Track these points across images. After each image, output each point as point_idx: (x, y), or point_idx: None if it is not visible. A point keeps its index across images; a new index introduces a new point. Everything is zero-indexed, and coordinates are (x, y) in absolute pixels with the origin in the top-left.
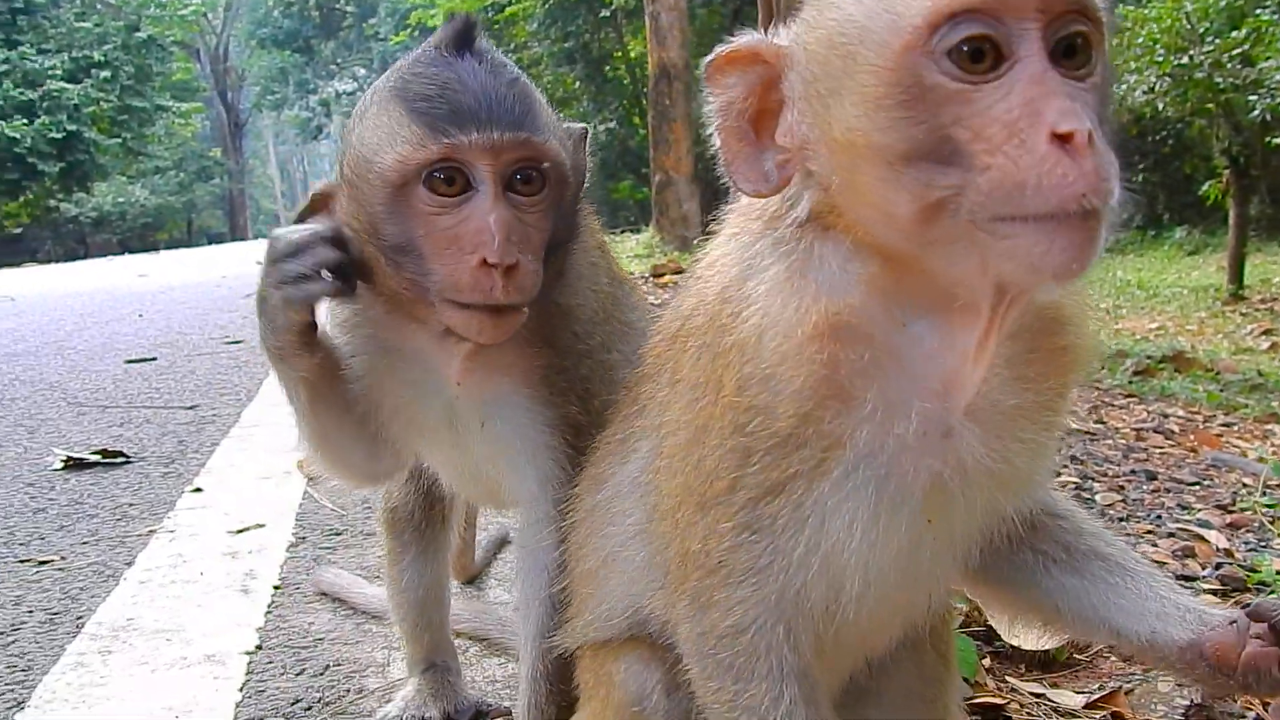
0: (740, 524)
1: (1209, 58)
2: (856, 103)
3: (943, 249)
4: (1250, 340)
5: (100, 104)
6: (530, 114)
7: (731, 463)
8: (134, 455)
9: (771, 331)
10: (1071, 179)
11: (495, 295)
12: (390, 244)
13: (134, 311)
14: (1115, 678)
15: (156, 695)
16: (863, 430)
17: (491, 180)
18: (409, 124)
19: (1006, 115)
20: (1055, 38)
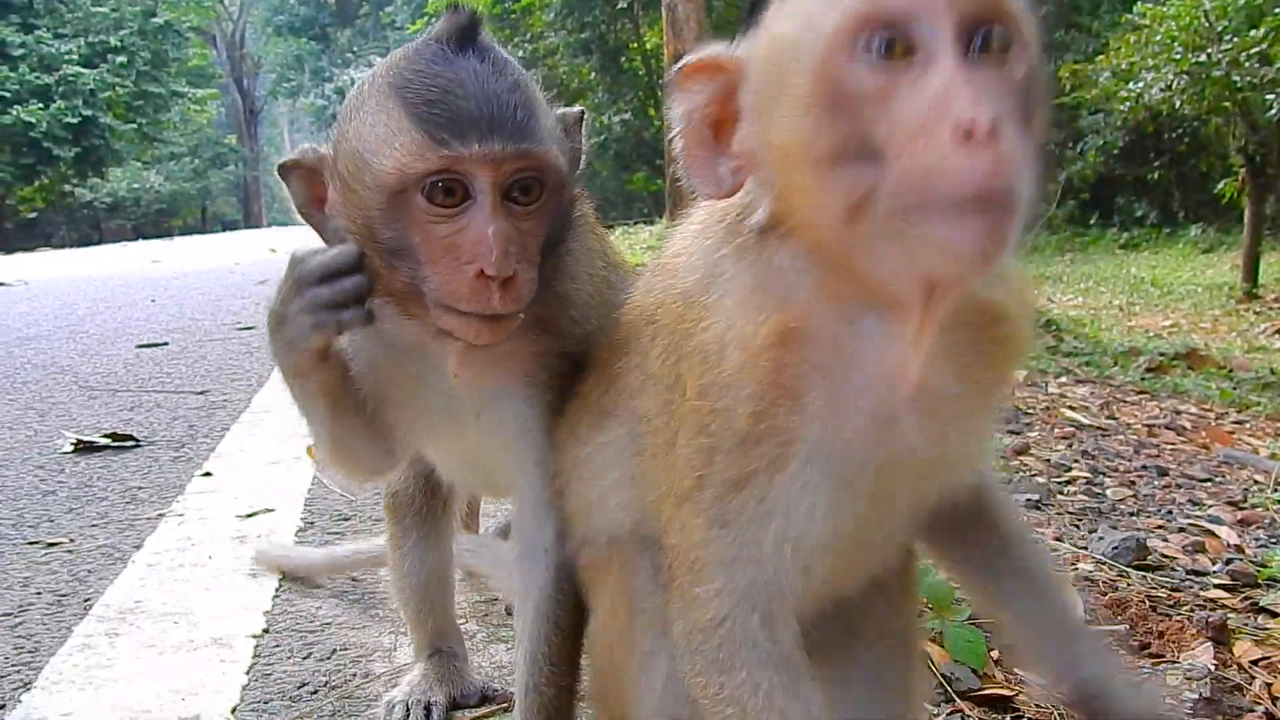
0: (709, 519)
1: (1227, 56)
2: (789, 109)
3: (870, 247)
4: (1264, 338)
5: (116, 89)
6: (531, 123)
7: (698, 461)
8: (144, 439)
9: (732, 345)
10: (975, 169)
11: (492, 305)
12: (386, 246)
13: (147, 297)
14: None
15: (163, 678)
16: (814, 425)
17: (490, 191)
18: (409, 130)
19: (917, 110)
20: (971, 24)
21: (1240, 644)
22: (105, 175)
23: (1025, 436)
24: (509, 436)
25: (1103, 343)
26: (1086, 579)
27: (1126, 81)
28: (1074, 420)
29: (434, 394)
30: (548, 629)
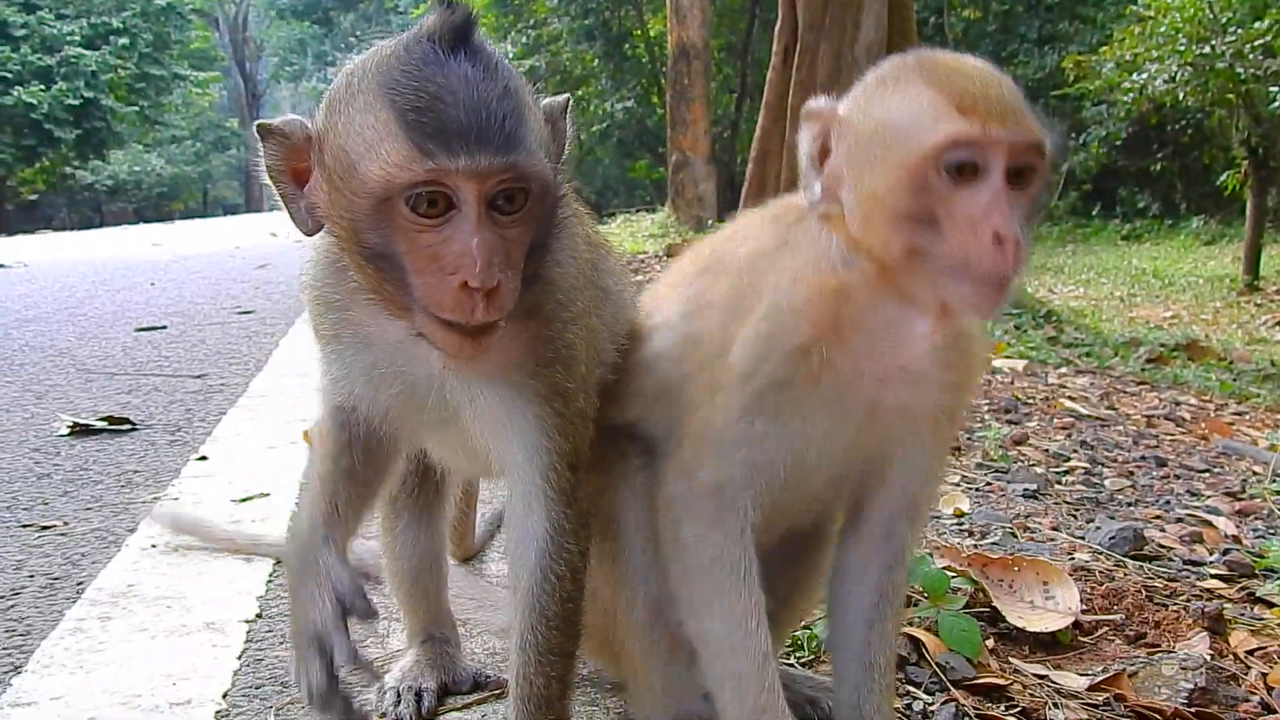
0: (746, 406)
1: (1231, 48)
2: (883, 176)
3: (913, 275)
4: (1264, 330)
5: (118, 71)
6: (519, 133)
7: (751, 361)
8: (141, 423)
9: (802, 283)
10: (994, 265)
11: (476, 316)
12: (371, 250)
13: (146, 280)
14: (1119, 660)
15: (155, 662)
16: (846, 361)
17: (475, 203)
18: (396, 137)
19: (971, 212)
20: (1014, 165)
21: (1236, 634)
22: (106, 158)
23: (1024, 426)
24: (499, 424)
25: (1103, 334)
26: (1083, 569)
27: (1130, 73)
28: (1073, 411)
29: (422, 387)
30: (535, 618)
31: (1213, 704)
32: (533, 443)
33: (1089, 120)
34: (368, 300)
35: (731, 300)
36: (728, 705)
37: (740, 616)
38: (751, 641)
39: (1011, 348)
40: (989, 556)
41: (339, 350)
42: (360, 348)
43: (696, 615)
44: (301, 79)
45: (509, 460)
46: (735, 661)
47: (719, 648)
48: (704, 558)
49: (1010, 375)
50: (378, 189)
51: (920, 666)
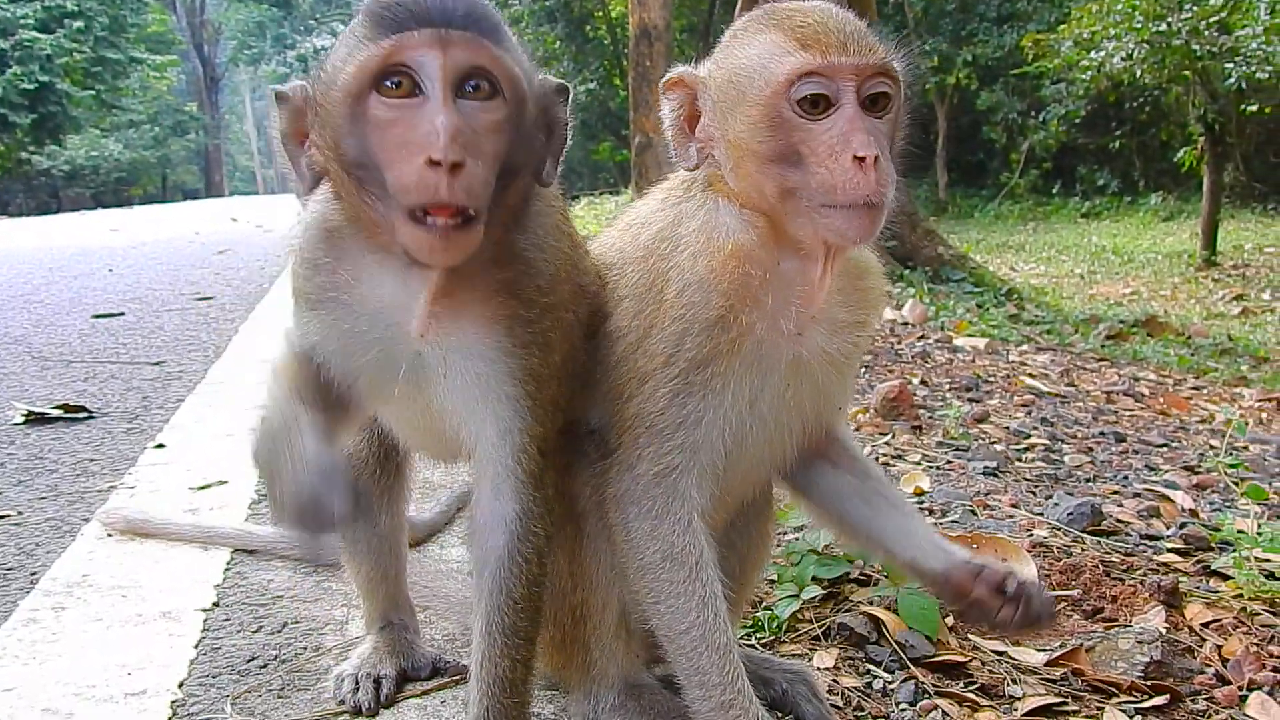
0: (674, 389)
1: (1187, 25)
2: (742, 122)
3: (791, 218)
4: (1221, 305)
5: (73, 55)
6: (484, 20)
7: (670, 343)
8: (97, 411)
9: (703, 255)
10: (860, 186)
11: (440, 194)
12: (350, 159)
13: (104, 266)
14: (1077, 635)
15: (110, 652)
16: (761, 324)
17: (440, 82)
18: (362, 29)
19: (829, 142)
20: (866, 93)
21: (1192, 607)
22: (63, 143)
23: (985, 404)
24: (473, 402)
25: (1064, 311)
26: (1042, 545)
27: (1088, 51)
28: (1034, 388)
29: (399, 358)
30: (502, 600)
31: (1168, 676)
32: (506, 423)
33: (1048, 98)
34: (362, 248)
35: (640, 289)
36: (695, 700)
37: (698, 609)
38: (712, 635)
39: (973, 326)
40: (948, 535)
41: (320, 315)
42: (342, 312)
43: (657, 611)
44: (260, 62)
45: (481, 440)
46: (698, 656)
47: (681, 643)
48: (656, 553)
49: (971, 353)
50: (352, 84)
51: (880, 645)
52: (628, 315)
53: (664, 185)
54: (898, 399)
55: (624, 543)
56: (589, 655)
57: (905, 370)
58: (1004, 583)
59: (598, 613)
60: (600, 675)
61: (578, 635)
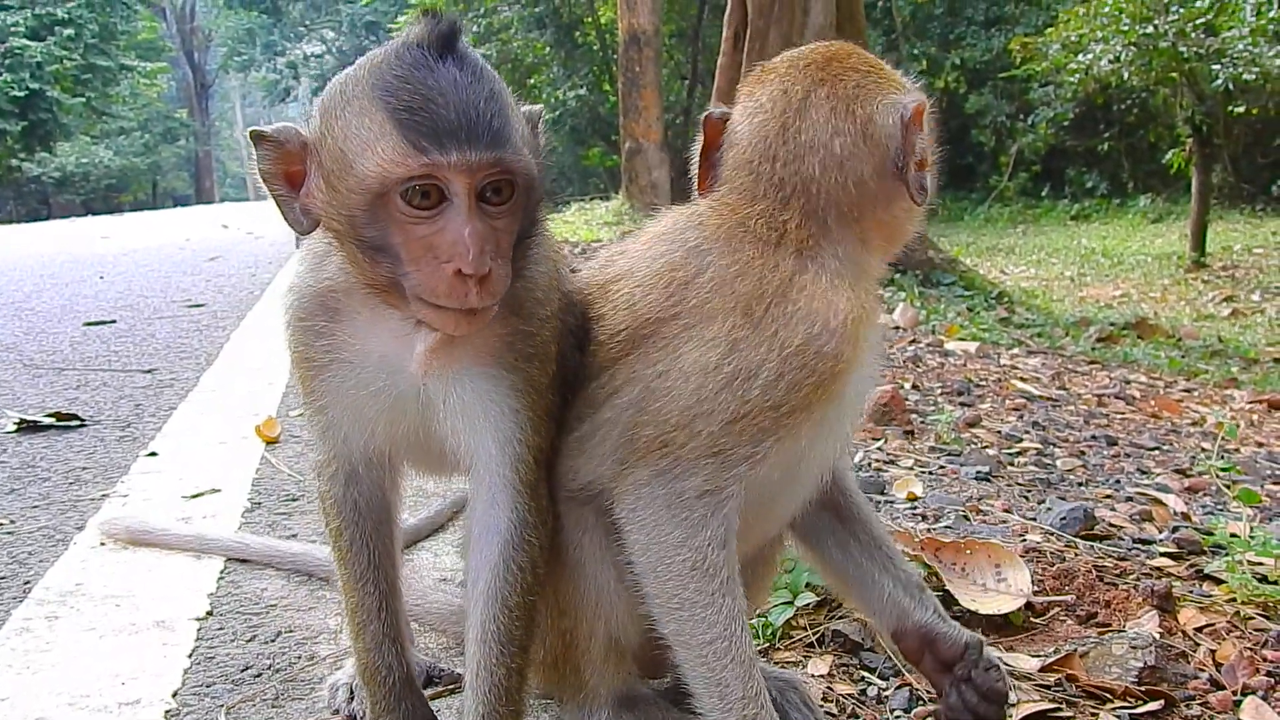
0: (760, 429)
1: (1173, 27)
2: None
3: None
4: (1211, 307)
5: (63, 62)
6: (505, 130)
7: (781, 390)
8: (89, 419)
9: (836, 308)
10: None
11: (470, 301)
12: (368, 243)
13: (95, 273)
14: (1070, 640)
15: (103, 661)
16: (851, 385)
17: (466, 195)
18: (392, 135)
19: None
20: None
21: (1185, 611)
22: (53, 150)
23: (977, 409)
24: (474, 417)
25: (1054, 314)
26: (1035, 550)
27: (1076, 54)
28: (1025, 391)
29: (408, 393)
30: (497, 608)
31: (1163, 682)
32: (507, 435)
33: (1036, 101)
34: (357, 306)
35: (739, 333)
36: (713, 711)
37: (726, 622)
38: (737, 648)
39: (964, 330)
40: (941, 540)
41: (327, 377)
42: (347, 370)
43: (679, 619)
44: (250, 69)
45: (480, 453)
46: (722, 669)
47: (705, 653)
48: (685, 563)
49: (963, 357)
50: (374, 184)
51: (874, 652)
52: (715, 356)
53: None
54: (889, 404)
55: (646, 546)
56: (580, 676)
57: (897, 375)
58: (955, 660)
59: (586, 639)
60: (592, 694)
61: (569, 657)
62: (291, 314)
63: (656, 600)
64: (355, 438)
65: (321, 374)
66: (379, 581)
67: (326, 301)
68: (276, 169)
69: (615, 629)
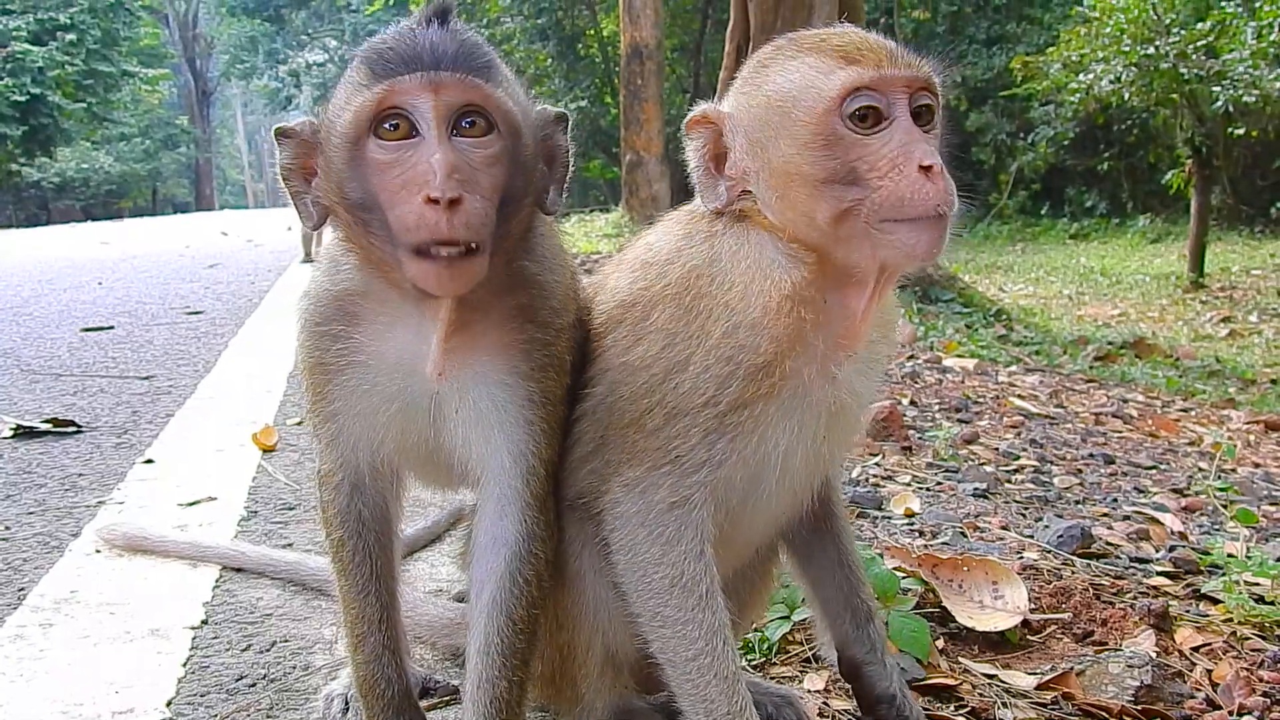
0: (706, 429)
1: (1174, 49)
2: (790, 145)
3: (846, 242)
4: (1209, 327)
5: (65, 67)
6: (474, 59)
7: (714, 384)
8: (86, 425)
9: (757, 295)
10: (931, 195)
11: (441, 230)
12: (354, 200)
13: (94, 279)
14: (1067, 659)
15: (97, 669)
16: (809, 368)
17: (435, 122)
18: (359, 75)
19: (891, 155)
20: (914, 106)
21: (1182, 631)
22: (54, 155)
23: (975, 425)
24: (488, 428)
25: (1052, 332)
26: (1032, 568)
27: (1076, 73)
28: (1023, 409)
29: (418, 401)
30: (501, 621)
31: (1159, 701)
32: (520, 447)
33: (1037, 120)
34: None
35: (675, 326)
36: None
37: (707, 637)
38: (719, 663)
39: (963, 346)
40: (938, 557)
41: (341, 381)
42: (362, 373)
43: (661, 636)
44: (252, 76)
45: (492, 463)
46: (705, 685)
47: (688, 669)
48: (664, 579)
49: (961, 374)
50: (350, 129)
51: None
52: (654, 350)
53: (676, 220)
54: (887, 420)
55: (628, 565)
56: (577, 690)
57: (895, 390)
58: (875, 702)
59: (583, 652)
60: (589, 708)
61: (566, 671)
62: (307, 318)
63: (641, 617)
64: (364, 446)
65: (335, 379)
66: (380, 594)
67: (344, 305)
68: (296, 164)
69: (612, 643)
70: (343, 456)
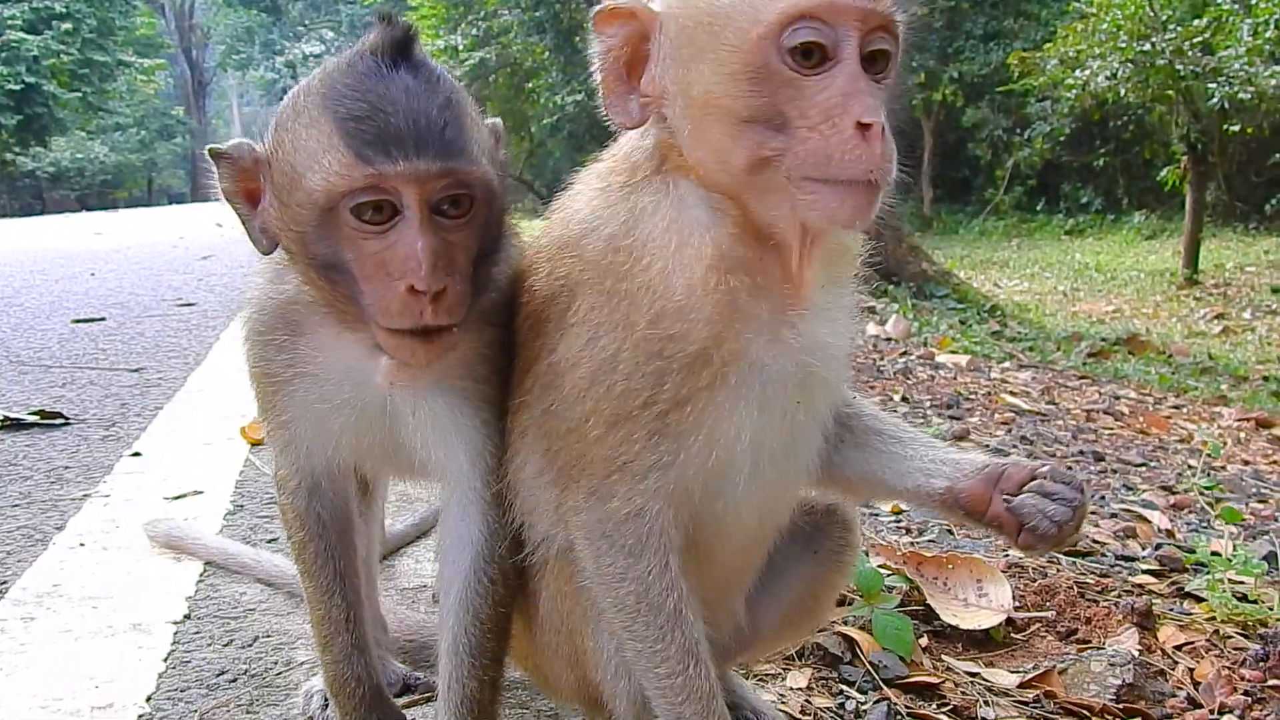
0: (650, 431)
1: (1170, 45)
2: (714, 71)
3: (763, 195)
4: (1203, 324)
5: (60, 56)
6: (460, 139)
7: (646, 383)
8: (74, 417)
9: (678, 270)
10: (864, 158)
11: (425, 319)
12: (321, 261)
13: (86, 270)
14: (1050, 657)
15: (78, 664)
16: (757, 341)
17: (418, 207)
18: (337, 146)
19: (826, 102)
20: (866, 49)
21: (1165, 629)
22: (48, 144)
23: (965, 422)
24: (445, 430)
25: (1046, 328)
26: (1017, 566)
27: (1073, 69)
28: (1014, 405)
29: (373, 407)
30: (469, 621)
31: (1140, 699)
32: (478, 449)
33: (1033, 116)
34: (320, 319)
35: (596, 316)
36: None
37: (680, 657)
38: (692, 683)
39: (956, 342)
40: (923, 555)
41: (289, 391)
42: (310, 383)
43: (637, 652)
44: (249, 67)
45: (450, 465)
46: (680, 705)
47: (661, 688)
48: (630, 594)
49: (953, 370)
50: (321, 199)
51: (854, 665)
52: (577, 345)
53: (598, 168)
54: None
55: (596, 578)
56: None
57: (887, 386)
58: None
59: (610, 698)
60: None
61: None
62: (250, 329)
63: (617, 636)
64: (319, 451)
65: (283, 390)
66: (345, 593)
67: (288, 315)
68: (236, 187)
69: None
70: (298, 462)
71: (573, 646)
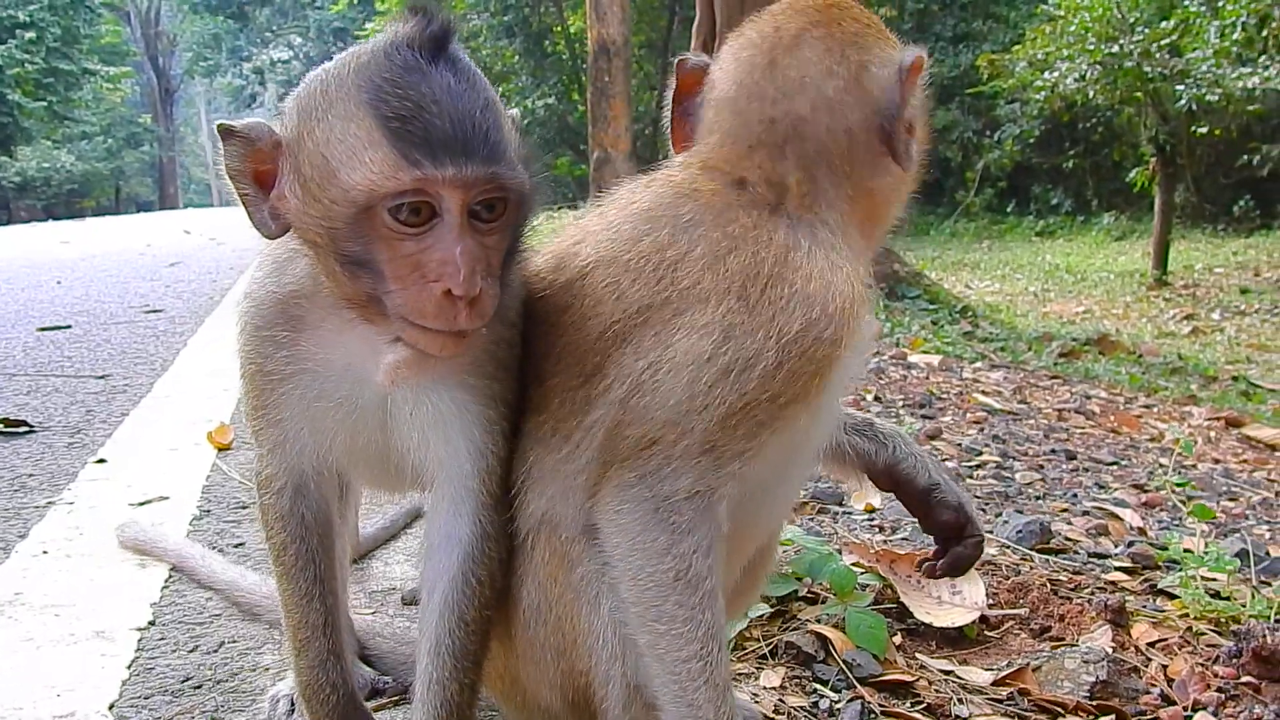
0: (761, 422)
1: (1139, 47)
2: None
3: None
4: (1172, 324)
5: (25, 66)
6: (502, 144)
7: (779, 379)
8: (38, 425)
9: (835, 291)
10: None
11: (459, 324)
12: (349, 257)
13: (52, 278)
14: (1024, 654)
15: (39, 673)
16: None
17: (459, 212)
18: (380, 145)
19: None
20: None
21: (1138, 626)
22: (14, 154)
23: (938, 421)
24: (444, 427)
25: (1017, 328)
26: (990, 563)
27: (1042, 71)
28: (986, 405)
29: (371, 404)
30: (453, 622)
31: (1114, 697)
32: (480, 446)
33: (1003, 118)
34: (324, 314)
35: (736, 318)
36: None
37: (704, 639)
38: (712, 669)
39: (928, 343)
40: (897, 553)
41: (288, 389)
42: (309, 379)
43: (656, 632)
44: (216, 74)
45: (449, 461)
46: (695, 690)
47: (677, 672)
48: (669, 571)
49: (925, 370)
50: (361, 197)
51: (827, 664)
52: (714, 342)
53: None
54: None
55: (628, 555)
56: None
57: (859, 386)
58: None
59: (600, 684)
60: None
61: (582, 706)
62: (248, 323)
63: (634, 609)
64: (310, 451)
65: (280, 387)
66: (325, 597)
67: (289, 309)
68: (245, 167)
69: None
70: (287, 462)
71: (561, 635)
